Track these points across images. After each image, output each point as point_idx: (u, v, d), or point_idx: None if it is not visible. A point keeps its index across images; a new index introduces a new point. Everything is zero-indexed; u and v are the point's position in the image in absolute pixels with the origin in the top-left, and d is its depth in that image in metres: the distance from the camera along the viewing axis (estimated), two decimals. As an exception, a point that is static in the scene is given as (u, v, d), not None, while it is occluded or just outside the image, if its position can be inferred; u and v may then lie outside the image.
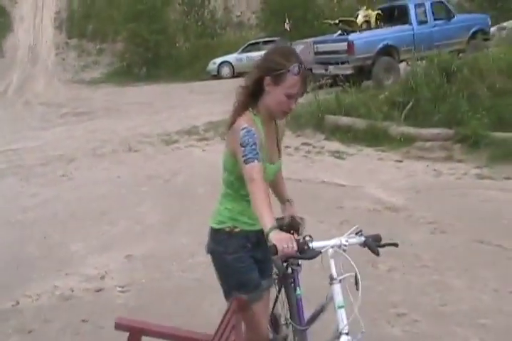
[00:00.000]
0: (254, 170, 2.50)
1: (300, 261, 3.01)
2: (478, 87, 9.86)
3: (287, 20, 22.42)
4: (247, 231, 2.81)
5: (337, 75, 13.69)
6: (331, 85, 14.06)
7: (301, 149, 9.70)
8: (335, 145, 9.73)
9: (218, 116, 13.01)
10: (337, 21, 16.13)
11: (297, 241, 2.35)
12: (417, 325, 4.09)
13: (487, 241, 5.56)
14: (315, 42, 16.00)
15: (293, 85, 2.60)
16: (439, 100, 9.91)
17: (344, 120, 10.29)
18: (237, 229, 2.80)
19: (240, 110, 2.71)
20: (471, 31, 15.67)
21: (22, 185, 9.10)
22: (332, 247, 2.48)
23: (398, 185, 7.42)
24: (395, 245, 2.64)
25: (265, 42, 24.65)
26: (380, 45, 14.20)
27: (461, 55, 13.55)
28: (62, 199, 8.11)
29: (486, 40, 15.26)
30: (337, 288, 2.50)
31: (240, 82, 2.79)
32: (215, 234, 2.85)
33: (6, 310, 4.75)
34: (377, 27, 15.51)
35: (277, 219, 2.70)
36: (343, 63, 14.10)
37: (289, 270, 3.08)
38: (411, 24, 14.97)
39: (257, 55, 23.03)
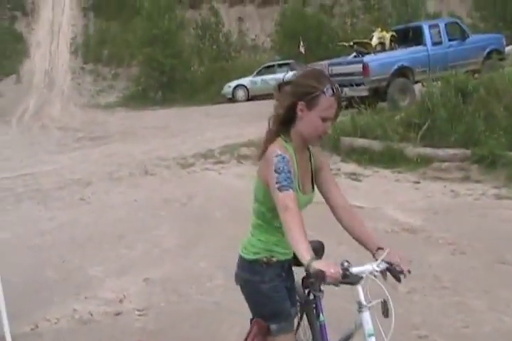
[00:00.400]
0: (288, 198, 2.42)
1: (323, 287, 2.98)
2: (494, 107, 9.85)
3: (302, 43, 22.56)
4: (283, 261, 2.76)
5: (352, 97, 13.70)
6: (347, 107, 13.99)
7: (318, 171, 9.62)
8: (351, 167, 9.71)
9: (234, 140, 13.08)
10: (351, 43, 16.26)
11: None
12: (440, 348, 4.06)
13: (508, 261, 5.52)
14: (330, 65, 16.04)
15: (328, 107, 2.54)
16: (455, 120, 9.90)
17: (360, 142, 10.29)
18: (274, 259, 2.72)
19: (271, 138, 2.63)
20: (486, 51, 15.67)
21: (39, 209, 9.15)
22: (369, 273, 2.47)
23: (416, 206, 7.39)
24: (408, 272, 2.61)
25: (280, 65, 24.86)
26: (395, 67, 14.24)
27: (476, 75, 13.53)
28: (80, 222, 8.14)
29: (501, 60, 15.24)
30: (366, 315, 2.48)
31: (256, 105, 2.81)
32: (250, 264, 2.75)
33: (25, 334, 4.74)
34: (391, 48, 15.57)
35: None
36: (358, 85, 14.13)
37: (311, 296, 3.03)
38: (425, 45, 15.03)
39: (271, 77, 23.29)
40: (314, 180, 2.82)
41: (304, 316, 3.11)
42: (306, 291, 3.01)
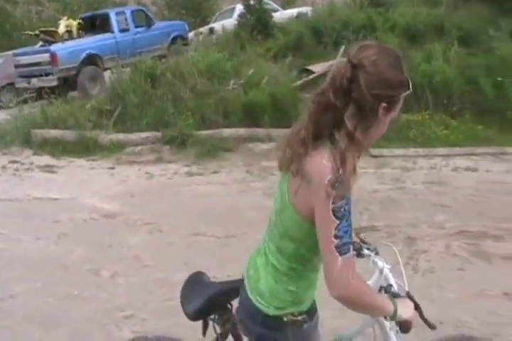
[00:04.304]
0: (347, 269, 1.74)
1: None
2: (181, 90, 10.31)
3: (-20, 33, 21.08)
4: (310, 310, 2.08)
5: (42, 88, 13.25)
6: (36, 99, 13.56)
7: (9, 167, 9.12)
8: (45, 159, 9.35)
9: None
10: (38, 32, 15.63)
11: None
12: (146, 323, 4.18)
13: (202, 232, 5.89)
14: (15, 55, 15.29)
15: (401, 104, 1.87)
16: (145, 105, 10.17)
17: (52, 133, 9.97)
18: (300, 317, 2.01)
19: (346, 154, 1.73)
20: (171, 37, 16.30)
21: None
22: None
23: (112, 192, 7.43)
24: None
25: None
26: (84, 55, 14.08)
27: (163, 60, 14.01)
28: None
29: (185, 45, 16.00)
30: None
31: None
32: (270, 320, 2.02)
33: None
34: (79, 37, 15.33)
35: None
36: (47, 75, 13.67)
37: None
38: (113, 32, 15.08)
39: None
40: None
41: None
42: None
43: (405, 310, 1.96)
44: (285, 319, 1.98)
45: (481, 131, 9.12)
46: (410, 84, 1.81)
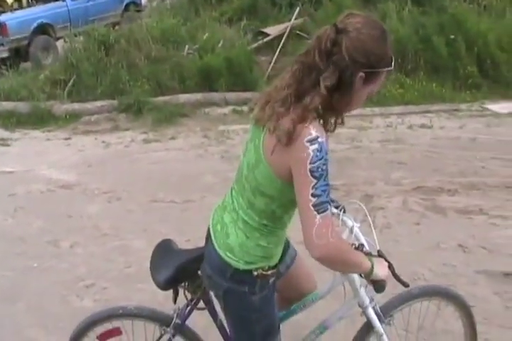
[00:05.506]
0: (326, 227, 1.78)
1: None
2: (136, 57, 10.16)
3: None
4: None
5: (-8, 60, 12.91)
6: (-12, 71, 13.23)
7: (-39, 142, 8.91)
8: (-2, 132, 9.15)
9: None
10: (-14, 2, 15.16)
11: None
12: (106, 292, 4.22)
13: (160, 199, 5.91)
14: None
15: (382, 80, 1.90)
16: (100, 73, 9.98)
17: (5, 105, 9.67)
18: (269, 272, 2.09)
19: (307, 114, 1.78)
20: (124, 4, 15.99)
21: None
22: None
23: (69, 162, 7.32)
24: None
25: None
26: (35, 24, 13.63)
27: (116, 27, 13.76)
28: None
29: (138, 11, 15.74)
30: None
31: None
32: (238, 274, 2.07)
33: None
34: (29, 6, 14.92)
35: None
36: (-4, 46, 13.31)
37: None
38: (64, 0, 14.69)
39: None
40: None
41: None
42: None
43: (381, 269, 2.05)
44: (255, 273, 2.04)
45: (435, 88, 9.21)
46: (393, 62, 1.86)
